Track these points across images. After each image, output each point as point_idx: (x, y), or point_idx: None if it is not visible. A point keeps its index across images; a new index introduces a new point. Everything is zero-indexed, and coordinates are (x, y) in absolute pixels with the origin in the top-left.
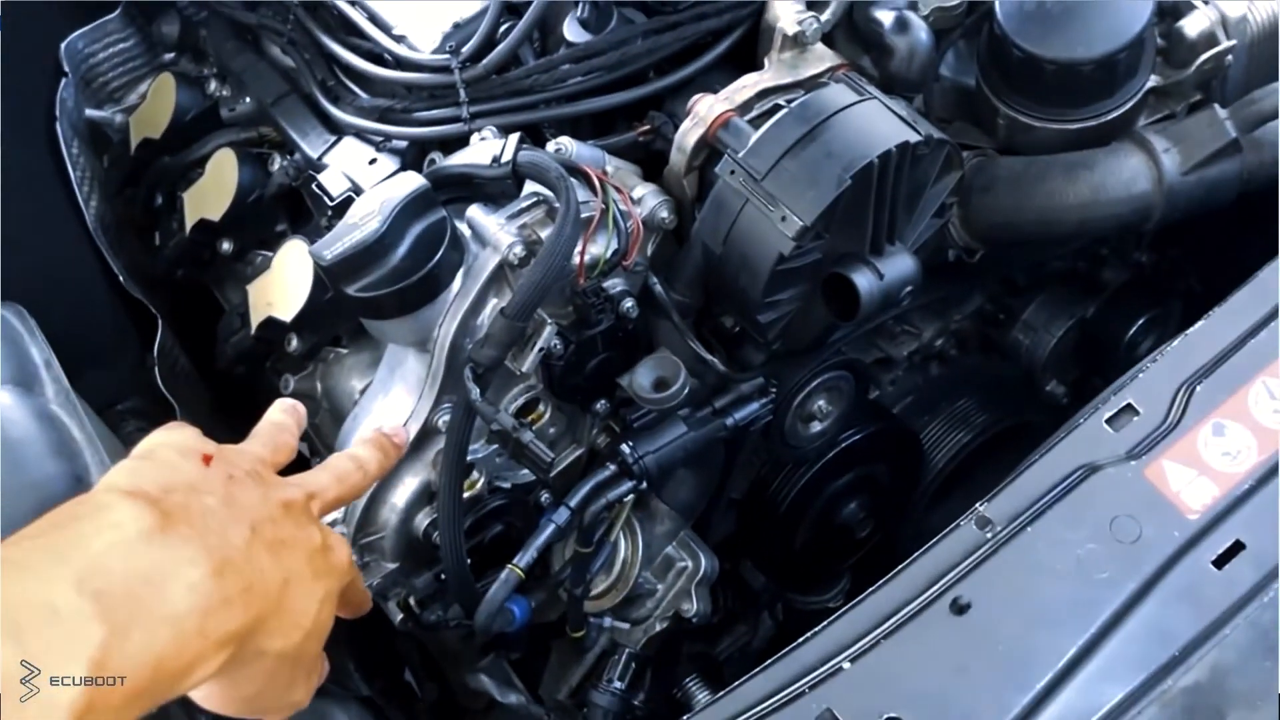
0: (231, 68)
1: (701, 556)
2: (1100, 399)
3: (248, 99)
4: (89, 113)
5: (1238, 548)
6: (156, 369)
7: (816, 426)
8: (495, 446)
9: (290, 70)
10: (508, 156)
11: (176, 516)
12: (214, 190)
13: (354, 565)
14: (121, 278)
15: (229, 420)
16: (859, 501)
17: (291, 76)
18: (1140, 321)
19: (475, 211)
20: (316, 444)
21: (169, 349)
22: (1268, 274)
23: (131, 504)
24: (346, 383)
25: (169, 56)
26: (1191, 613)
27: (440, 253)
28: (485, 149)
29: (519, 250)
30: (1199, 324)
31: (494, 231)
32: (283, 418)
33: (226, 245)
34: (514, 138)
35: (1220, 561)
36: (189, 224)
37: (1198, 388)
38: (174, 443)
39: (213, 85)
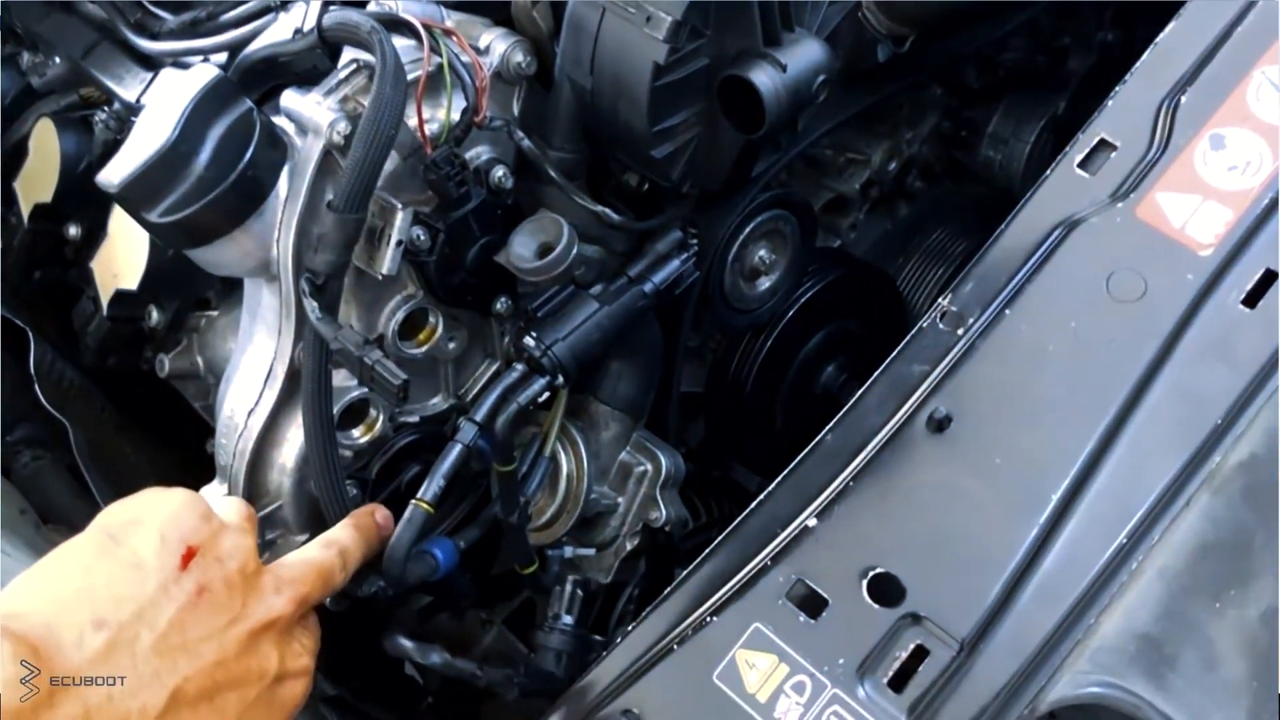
0: (39, 32)
1: (661, 456)
2: (1069, 145)
3: (57, 59)
4: None
5: (1270, 278)
6: (38, 388)
7: (765, 283)
8: None
9: (104, 21)
10: (310, 23)
11: (67, 688)
12: (42, 169)
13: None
14: None
15: (142, 425)
16: (837, 363)
17: (106, 26)
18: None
19: (288, 96)
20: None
21: (49, 364)
22: None
23: (10, 668)
24: (224, 346)
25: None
26: (1228, 368)
27: (251, 150)
28: (288, 23)
29: (343, 127)
30: (1169, 26)
31: (311, 112)
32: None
33: (73, 229)
34: (315, 1)
35: (1251, 298)
36: (26, 213)
37: (1182, 99)
38: (161, 526)
39: (25, 58)
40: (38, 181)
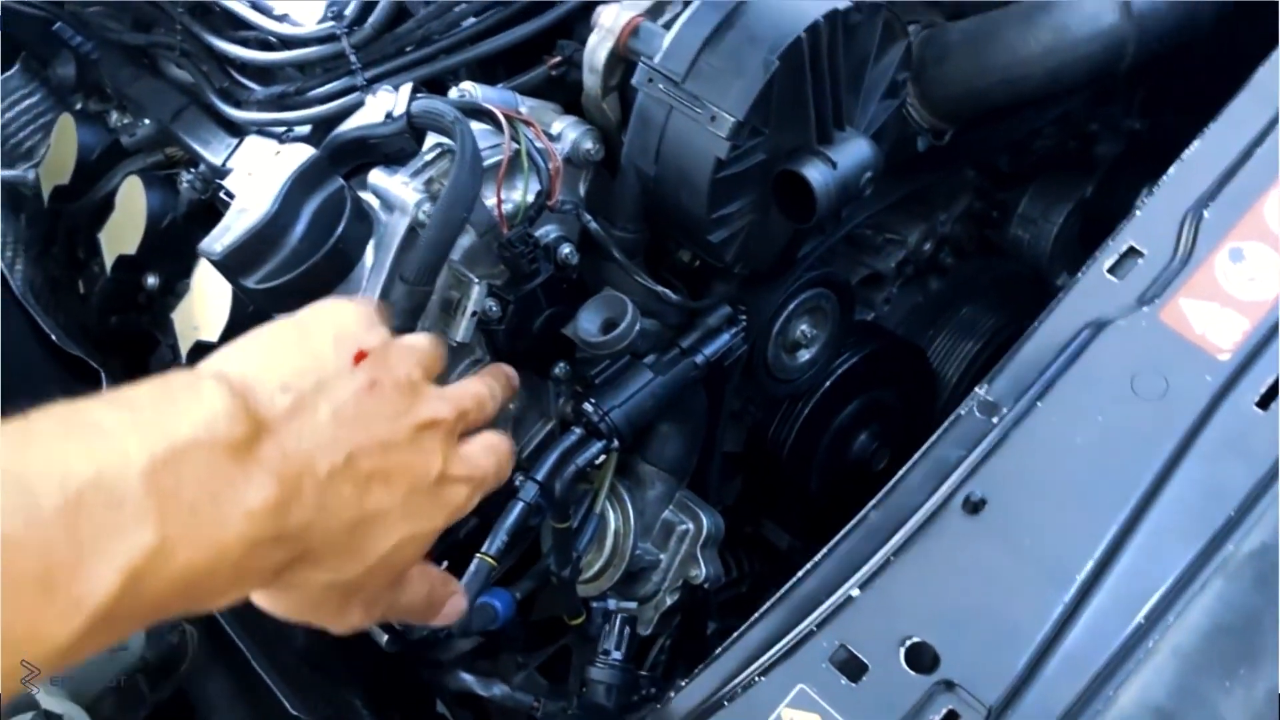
0: (129, 94)
1: (702, 515)
2: (1099, 250)
3: (146, 121)
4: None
5: None
6: None
7: (805, 355)
8: None
9: (191, 85)
10: (400, 109)
11: (268, 430)
12: (127, 223)
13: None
14: (54, 337)
15: None
16: (870, 431)
17: (193, 90)
18: (1144, 193)
19: (376, 175)
20: None
21: None
22: (1265, 74)
23: (230, 404)
24: None
25: (78, 104)
26: (1242, 464)
27: (342, 225)
28: (378, 107)
29: (428, 208)
30: (1194, 144)
31: (398, 192)
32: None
33: (152, 280)
34: (406, 88)
35: (1265, 401)
36: (109, 263)
37: (1205, 213)
38: (337, 324)
39: (114, 117)
40: (122, 234)
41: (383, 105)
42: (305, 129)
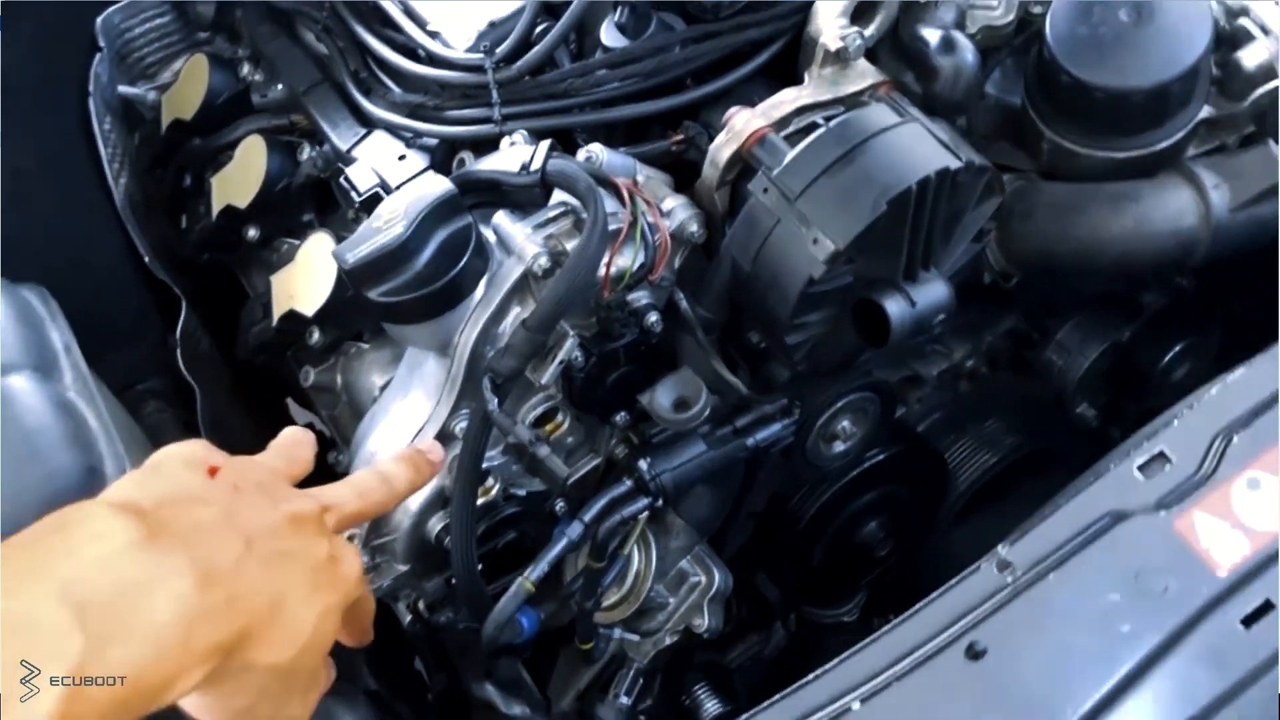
0: (265, 52)
1: (715, 572)
2: (1131, 443)
3: (280, 85)
4: (122, 89)
5: (1267, 608)
6: (179, 350)
7: (839, 446)
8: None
9: (323, 58)
10: (537, 164)
11: (165, 529)
12: (242, 177)
13: (365, 584)
14: (147, 258)
15: (248, 404)
16: (879, 521)
17: (324, 64)
18: (1176, 349)
19: (501, 219)
20: (335, 436)
21: (192, 331)
22: None
23: (119, 516)
24: (367, 378)
25: (204, 35)
26: (1215, 673)
27: (464, 260)
28: (514, 155)
29: (544, 261)
30: (1238, 371)
31: (520, 241)
32: (300, 434)
33: (253, 232)
34: (544, 145)
35: (1249, 621)
36: (216, 209)
37: (1234, 438)
38: (181, 454)
39: (245, 68)
40: (234, 186)
41: (518, 155)
42: (432, 141)
